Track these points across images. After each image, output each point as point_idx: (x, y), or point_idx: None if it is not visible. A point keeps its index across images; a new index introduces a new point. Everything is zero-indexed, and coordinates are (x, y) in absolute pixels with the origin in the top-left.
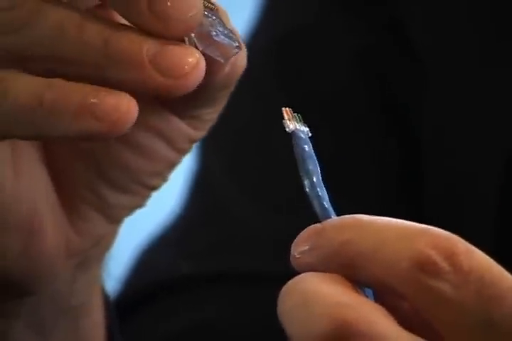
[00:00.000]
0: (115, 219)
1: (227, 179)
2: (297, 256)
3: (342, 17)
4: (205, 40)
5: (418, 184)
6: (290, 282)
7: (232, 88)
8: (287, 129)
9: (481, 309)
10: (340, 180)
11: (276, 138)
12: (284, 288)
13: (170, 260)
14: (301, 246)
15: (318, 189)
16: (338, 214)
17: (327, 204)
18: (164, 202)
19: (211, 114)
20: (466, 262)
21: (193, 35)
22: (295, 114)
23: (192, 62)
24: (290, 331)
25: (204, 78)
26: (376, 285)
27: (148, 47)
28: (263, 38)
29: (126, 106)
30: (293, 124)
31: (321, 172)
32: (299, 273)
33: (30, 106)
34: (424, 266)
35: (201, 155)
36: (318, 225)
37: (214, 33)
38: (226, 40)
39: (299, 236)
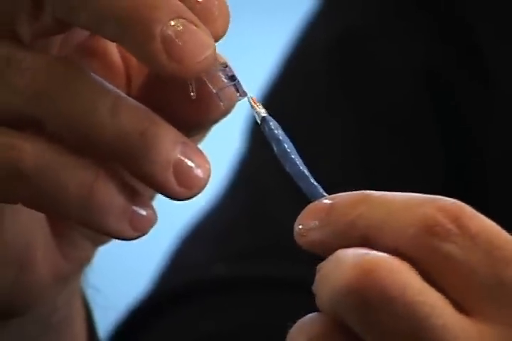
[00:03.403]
0: (102, 242)
1: (272, 176)
2: (304, 234)
3: (403, 20)
4: (216, 83)
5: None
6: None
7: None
8: (260, 115)
9: (490, 271)
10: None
11: (324, 130)
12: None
13: (206, 260)
14: (306, 224)
15: (301, 167)
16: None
17: (314, 181)
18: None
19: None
20: (474, 224)
21: (204, 78)
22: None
23: (207, 179)
24: (319, 289)
25: (200, 116)
26: (391, 255)
27: (178, 150)
28: (323, 32)
29: (154, 221)
30: (263, 110)
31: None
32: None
33: (74, 198)
34: (432, 229)
35: (248, 147)
36: (324, 202)
37: (223, 77)
38: (235, 85)
39: (301, 214)
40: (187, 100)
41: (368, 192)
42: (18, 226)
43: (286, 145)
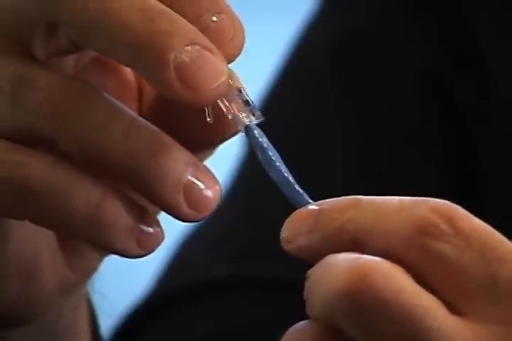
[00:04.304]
0: (109, 253)
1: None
2: (291, 240)
3: (405, 20)
4: (231, 108)
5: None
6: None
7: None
8: (245, 122)
9: (484, 271)
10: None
11: (325, 129)
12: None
13: (203, 262)
14: (293, 230)
15: (286, 174)
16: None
17: (299, 188)
18: None
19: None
20: (467, 225)
21: (220, 102)
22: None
23: (217, 200)
24: (310, 294)
25: (213, 137)
26: (382, 258)
27: (189, 172)
28: (323, 32)
29: (161, 239)
30: (248, 117)
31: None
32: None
33: (82, 215)
34: (425, 229)
35: (246, 151)
36: (311, 208)
37: (240, 101)
38: (250, 110)
39: (288, 220)
40: (201, 122)
41: (357, 197)
42: (25, 237)
43: (270, 153)
